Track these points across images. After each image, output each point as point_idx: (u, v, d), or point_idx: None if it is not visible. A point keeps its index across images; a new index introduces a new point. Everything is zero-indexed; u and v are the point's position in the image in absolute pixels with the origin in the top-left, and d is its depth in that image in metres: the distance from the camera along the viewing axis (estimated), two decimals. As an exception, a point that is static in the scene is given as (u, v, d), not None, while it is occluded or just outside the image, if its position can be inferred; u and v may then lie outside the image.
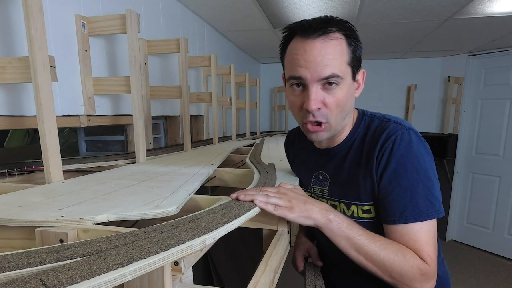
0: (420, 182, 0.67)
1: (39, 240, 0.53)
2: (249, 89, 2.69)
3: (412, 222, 0.66)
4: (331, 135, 0.76)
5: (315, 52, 0.67)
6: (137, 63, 1.19)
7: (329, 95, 0.69)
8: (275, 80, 4.25)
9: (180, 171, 1.03)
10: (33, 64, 0.81)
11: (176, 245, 0.44)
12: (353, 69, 0.71)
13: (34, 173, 1.05)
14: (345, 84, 0.69)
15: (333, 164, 0.81)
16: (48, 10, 1.08)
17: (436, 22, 2.37)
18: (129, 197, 0.70)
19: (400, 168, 0.68)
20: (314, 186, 0.86)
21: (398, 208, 0.67)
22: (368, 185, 0.72)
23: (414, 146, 0.68)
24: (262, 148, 1.76)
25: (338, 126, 0.74)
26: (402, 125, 0.71)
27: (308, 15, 2.31)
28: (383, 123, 0.74)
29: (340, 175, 0.79)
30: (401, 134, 0.69)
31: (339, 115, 0.72)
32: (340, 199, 0.79)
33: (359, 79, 0.75)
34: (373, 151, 0.71)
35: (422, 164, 0.68)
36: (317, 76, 0.68)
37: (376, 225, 0.73)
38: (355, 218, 0.75)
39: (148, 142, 1.64)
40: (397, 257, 0.63)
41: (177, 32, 1.95)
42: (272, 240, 0.76)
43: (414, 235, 0.66)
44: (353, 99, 0.75)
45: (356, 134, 0.78)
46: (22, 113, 1.02)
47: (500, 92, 3.33)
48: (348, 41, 0.69)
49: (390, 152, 0.68)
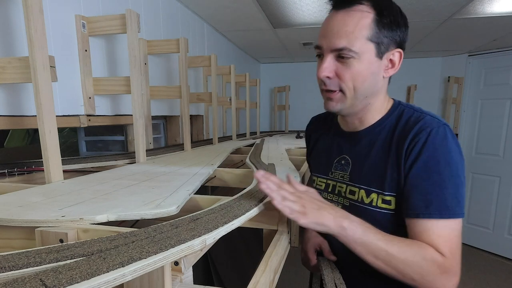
0: (451, 178, 0.65)
1: (39, 240, 0.53)
2: (249, 89, 2.69)
3: (437, 218, 0.63)
4: (347, 109, 0.74)
5: (334, 23, 0.68)
6: (137, 63, 1.19)
7: (343, 66, 0.69)
8: (275, 80, 4.25)
9: (180, 171, 1.03)
10: (33, 64, 0.81)
11: (176, 245, 0.44)
12: (378, 46, 0.68)
13: (34, 173, 1.05)
14: (363, 59, 0.68)
15: (358, 148, 0.79)
16: (48, 10, 1.08)
17: (436, 22, 2.37)
18: (129, 197, 0.70)
19: (431, 161, 0.65)
20: (335, 171, 0.83)
21: (424, 202, 0.64)
22: (394, 175, 0.70)
23: (449, 142, 0.66)
24: (262, 148, 1.76)
25: (357, 101, 0.72)
26: (438, 119, 0.70)
27: (308, 15, 2.30)
28: (418, 114, 0.72)
29: (364, 160, 0.77)
30: (437, 128, 0.67)
31: (357, 90, 0.70)
32: (361, 185, 0.76)
33: (393, 59, 0.72)
34: (403, 140, 0.69)
35: (454, 161, 0.66)
36: (331, 46, 0.68)
37: (393, 218, 0.71)
38: (373, 207, 0.73)
39: (148, 142, 1.64)
40: (416, 259, 0.62)
41: (177, 32, 1.95)
42: (272, 240, 0.77)
43: (437, 231, 0.63)
44: (377, 77, 0.72)
45: (387, 121, 0.76)
46: (22, 113, 1.02)
47: (500, 92, 3.33)
48: (377, 17, 0.67)
49: (423, 144, 0.66)
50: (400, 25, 0.70)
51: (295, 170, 1.11)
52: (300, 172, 1.08)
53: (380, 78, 0.73)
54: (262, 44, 3.14)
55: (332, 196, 0.84)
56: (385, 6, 0.68)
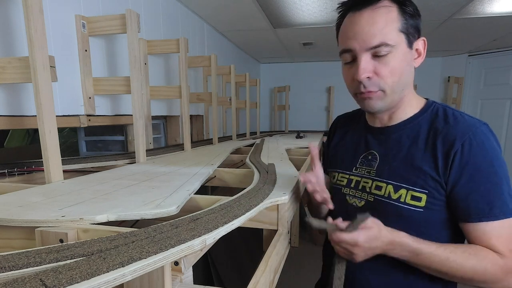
0: (505, 177, 0.66)
1: (39, 240, 0.53)
2: (249, 89, 2.69)
3: (502, 219, 0.64)
4: (387, 106, 0.74)
5: (363, 22, 0.67)
6: (137, 63, 1.19)
7: (380, 63, 0.68)
8: (275, 80, 4.25)
9: (180, 171, 1.03)
10: (33, 64, 0.81)
11: (176, 245, 0.44)
12: (408, 36, 0.69)
13: (34, 173, 1.05)
14: (398, 52, 0.68)
15: (388, 143, 0.78)
16: (48, 10, 1.08)
17: (436, 22, 2.37)
18: (129, 197, 0.70)
19: (484, 163, 0.65)
20: (361, 167, 0.82)
21: (487, 205, 0.65)
22: (430, 173, 0.69)
23: (495, 142, 0.67)
24: (262, 148, 1.76)
25: (395, 96, 0.72)
26: (478, 119, 0.70)
27: (308, 15, 2.31)
28: (457, 114, 0.72)
29: (394, 155, 0.76)
30: (482, 128, 0.67)
31: (396, 84, 0.70)
32: (389, 180, 0.75)
33: (419, 48, 0.72)
34: (447, 141, 0.69)
35: (502, 160, 0.67)
36: (365, 46, 0.67)
37: (421, 216, 0.70)
38: (400, 203, 0.71)
39: (148, 142, 1.64)
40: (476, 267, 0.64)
41: (177, 32, 1.95)
42: (272, 240, 0.76)
43: (497, 232, 0.64)
44: (411, 68, 0.72)
45: (422, 117, 0.75)
46: (22, 113, 1.02)
47: (500, 92, 3.33)
48: (401, 8, 0.68)
49: (471, 147, 0.66)
50: (419, 14, 0.71)
51: (295, 170, 1.11)
52: (300, 172, 1.08)
53: (412, 69, 0.73)
54: (262, 44, 3.14)
55: (355, 192, 0.82)
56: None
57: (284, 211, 0.77)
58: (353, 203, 0.81)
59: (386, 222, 0.69)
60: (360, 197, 0.80)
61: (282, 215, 0.77)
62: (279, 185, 0.87)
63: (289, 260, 0.89)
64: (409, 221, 0.70)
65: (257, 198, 0.72)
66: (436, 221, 0.71)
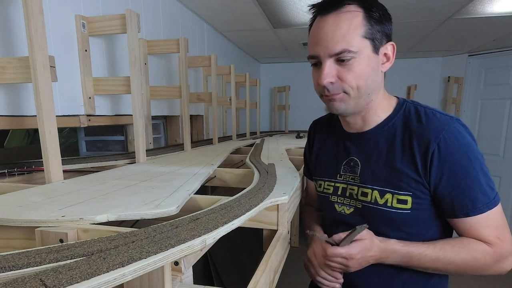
0: (482, 169, 0.67)
1: (39, 240, 0.53)
2: (249, 89, 2.69)
3: (486, 211, 0.66)
4: (351, 108, 0.74)
5: (326, 29, 0.68)
6: (137, 63, 1.19)
7: (344, 69, 0.69)
8: (275, 80, 4.24)
9: (180, 171, 1.03)
10: (33, 64, 0.81)
11: (176, 245, 0.44)
12: (373, 41, 0.69)
13: (34, 173, 1.05)
14: (362, 57, 0.68)
15: (367, 149, 0.78)
16: (48, 10, 1.08)
17: (436, 22, 2.37)
18: (129, 197, 0.70)
19: (462, 159, 0.66)
20: (345, 173, 0.82)
21: (470, 200, 0.66)
22: (411, 175, 0.70)
23: (469, 136, 0.68)
24: (262, 148, 1.76)
25: (360, 100, 0.72)
26: (449, 116, 0.71)
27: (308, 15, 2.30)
28: (429, 112, 0.73)
29: (374, 161, 0.76)
30: (454, 125, 0.68)
31: (361, 89, 0.70)
32: (374, 186, 0.75)
33: (387, 53, 0.72)
34: (422, 141, 0.69)
35: (477, 151, 0.68)
36: (328, 52, 0.68)
37: (411, 217, 0.71)
38: (388, 207, 0.72)
39: (148, 142, 1.64)
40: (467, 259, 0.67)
41: (177, 32, 1.95)
42: (272, 240, 0.76)
43: (484, 223, 0.67)
44: (377, 73, 0.72)
45: (395, 119, 0.76)
46: (22, 113, 1.02)
47: (500, 92, 3.33)
48: (367, 13, 0.68)
49: (447, 146, 0.67)
50: (387, 19, 0.71)
51: (295, 170, 1.11)
52: (300, 172, 1.08)
53: (380, 73, 0.73)
54: (262, 44, 3.14)
55: (343, 199, 0.82)
56: (371, 3, 0.69)
57: (284, 211, 0.77)
58: (341, 210, 0.82)
59: (377, 226, 0.72)
60: (349, 204, 0.81)
61: (282, 215, 0.77)
62: (279, 185, 0.87)
63: (289, 260, 0.89)
64: (399, 222, 0.72)
65: (257, 198, 0.72)
66: (425, 219, 0.73)
